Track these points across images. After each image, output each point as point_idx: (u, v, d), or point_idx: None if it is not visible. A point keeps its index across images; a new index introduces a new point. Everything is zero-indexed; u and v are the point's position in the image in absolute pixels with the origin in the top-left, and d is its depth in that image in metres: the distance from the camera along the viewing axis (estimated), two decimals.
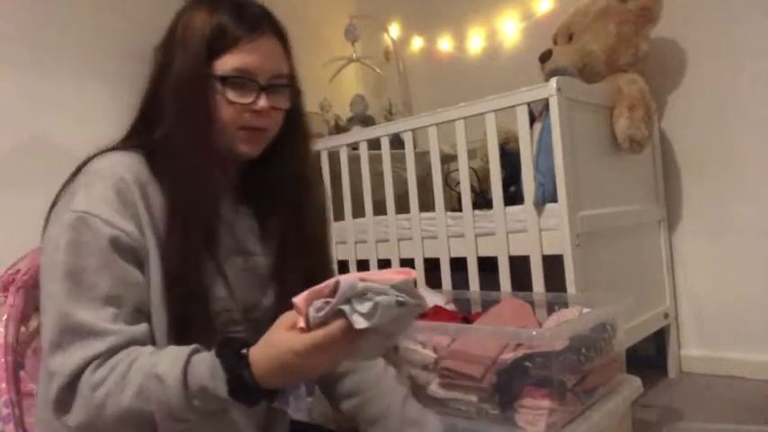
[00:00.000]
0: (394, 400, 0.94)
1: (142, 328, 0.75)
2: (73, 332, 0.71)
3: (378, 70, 3.00)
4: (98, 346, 0.71)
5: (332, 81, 2.87)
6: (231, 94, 0.80)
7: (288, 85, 0.87)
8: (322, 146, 2.39)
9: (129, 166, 0.79)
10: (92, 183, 0.77)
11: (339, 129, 2.72)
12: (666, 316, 2.10)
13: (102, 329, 0.72)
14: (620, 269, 1.87)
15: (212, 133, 0.80)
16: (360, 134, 2.30)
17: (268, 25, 0.84)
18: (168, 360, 0.70)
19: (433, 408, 1.17)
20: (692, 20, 2.13)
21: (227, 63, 0.80)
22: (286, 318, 0.69)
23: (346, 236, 2.25)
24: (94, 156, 0.82)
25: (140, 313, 0.76)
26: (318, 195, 0.93)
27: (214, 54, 0.80)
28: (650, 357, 2.16)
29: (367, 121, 2.73)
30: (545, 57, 2.11)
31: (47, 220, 0.82)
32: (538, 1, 2.57)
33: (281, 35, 0.86)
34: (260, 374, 0.67)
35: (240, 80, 0.80)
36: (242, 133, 0.83)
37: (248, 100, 0.81)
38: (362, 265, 2.20)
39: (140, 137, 0.84)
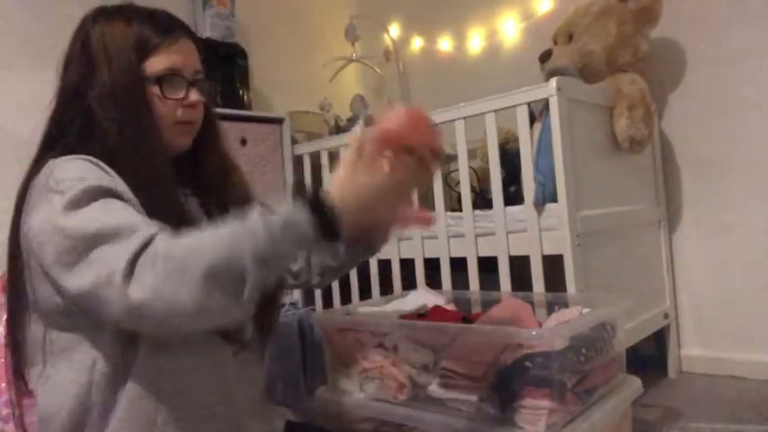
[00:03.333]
0: None
1: None
2: (108, 237, 0.70)
3: (378, 70, 3.00)
4: (148, 229, 0.71)
5: (332, 81, 2.88)
6: (166, 91, 0.87)
7: (205, 79, 0.94)
8: (322, 146, 2.39)
9: (90, 160, 0.81)
10: (61, 175, 0.78)
11: (339, 129, 2.72)
12: (666, 316, 2.10)
13: (142, 220, 0.73)
14: (620, 269, 1.87)
15: (159, 129, 0.86)
16: None
17: (181, 28, 0.91)
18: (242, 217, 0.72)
19: (433, 408, 1.18)
20: (692, 20, 2.13)
21: (156, 65, 0.86)
22: None
23: None
24: (34, 170, 0.84)
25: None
26: (241, 176, 1.00)
27: (140, 59, 0.86)
28: (650, 357, 2.16)
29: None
30: (545, 57, 2.11)
31: (11, 239, 0.84)
32: (538, 1, 2.57)
33: (192, 35, 0.93)
34: (335, 194, 0.71)
35: (171, 78, 0.87)
36: (178, 128, 0.89)
37: (181, 95, 0.88)
38: (363, 265, 2.20)
39: (65, 149, 0.84)
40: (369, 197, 0.73)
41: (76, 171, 0.78)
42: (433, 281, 1.92)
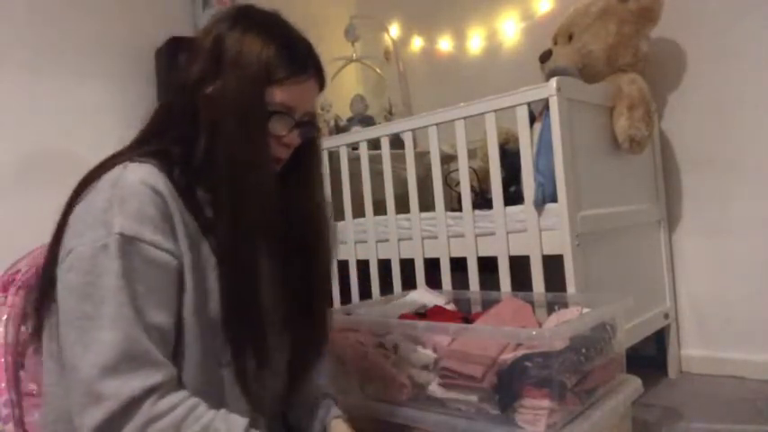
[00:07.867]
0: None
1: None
2: (133, 358, 0.71)
3: (378, 70, 3.00)
4: (156, 377, 0.72)
5: (332, 81, 2.88)
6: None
7: (313, 122, 0.92)
8: (322, 146, 2.39)
9: (160, 178, 0.79)
10: (126, 199, 0.76)
11: (339, 129, 2.72)
12: (666, 316, 2.10)
13: (157, 360, 0.73)
14: (620, 269, 1.87)
15: (270, 152, 0.85)
16: (360, 134, 2.30)
17: (314, 69, 0.89)
18: (224, 428, 0.74)
19: (433, 408, 1.18)
20: (692, 20, 2.13)
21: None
22: None
23: (346, 236, 2.25)
24: (111, 162, 0.82)
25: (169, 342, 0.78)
26: (328, 226, 0.98)
27: (266, 82, 0.84)
28: (650, 357, 2.16)
29: (367, 121, 2.73)
30: (545, 57, 2.11)
31: (61, 224, 0.80)
32: (538, 1, 2.57)
33: (320, 78, 0.91)
34: None
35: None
36: None
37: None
38: (363, 265, 2.20)
39: (160, 145, 0.84)
40: None
41: (134, 214, 0.75)
42: (433, 281, 1.92)
